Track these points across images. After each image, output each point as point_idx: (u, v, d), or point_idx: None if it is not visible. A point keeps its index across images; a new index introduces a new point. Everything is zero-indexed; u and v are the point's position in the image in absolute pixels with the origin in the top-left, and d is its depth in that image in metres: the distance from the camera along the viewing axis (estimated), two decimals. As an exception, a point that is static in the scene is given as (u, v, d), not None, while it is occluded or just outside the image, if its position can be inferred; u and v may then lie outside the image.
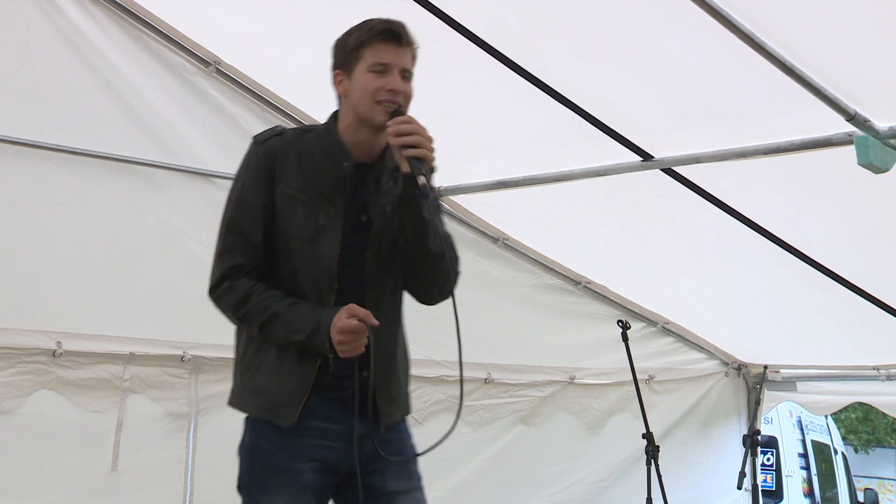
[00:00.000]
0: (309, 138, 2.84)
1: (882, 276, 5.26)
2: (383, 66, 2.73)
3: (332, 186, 2.78)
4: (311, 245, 2.74)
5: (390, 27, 2.75)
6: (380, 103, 2.72)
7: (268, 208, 2.76)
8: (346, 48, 2.78)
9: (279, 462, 2.71)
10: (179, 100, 4.62)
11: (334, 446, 2.73)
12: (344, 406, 2.74)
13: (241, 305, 2.74)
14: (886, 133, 3.81)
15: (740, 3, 3.39)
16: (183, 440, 4.55)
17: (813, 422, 12.00)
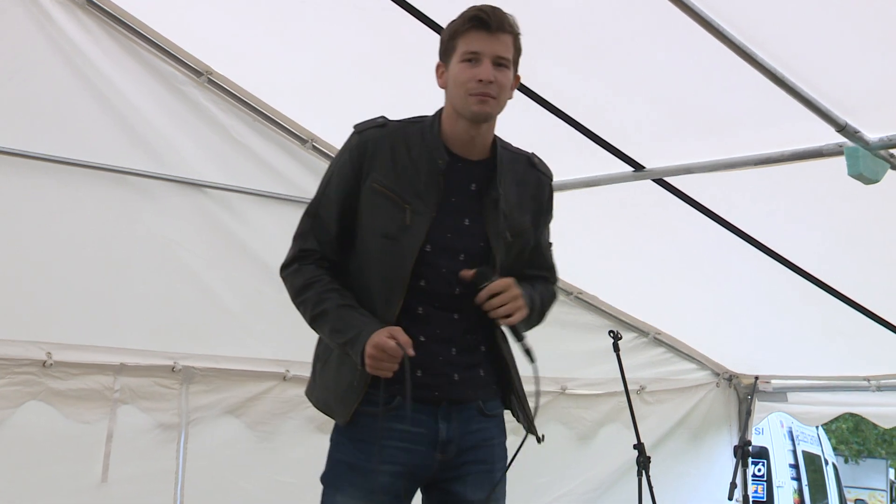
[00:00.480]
0: (411, 130, 2.75)
1: (872, 286, 5.27)
2: (474, 55, 2.64)
3: (427, 184, 2.69)
4: (391, 243, 2.66)
5: (479, 14, 2.66)
6: (472, 95, 2.64)
7: (349, 200, 2.70)
8: (444, 39, 2.72)
9: (355, 461, 2.66)
10: (171, 110, 4.61)
11: (416, 449, 2.67)
12: (429, 408, 2.67)
13: (301, 292, 2.71)
14: (876, 144, 3.83)
15: (731, 14, 3.41)
16: (173, 451, 4.54)
17: (804, 432, 12.02)
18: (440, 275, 2.68)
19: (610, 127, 4.38)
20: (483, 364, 2.77)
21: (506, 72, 2.68)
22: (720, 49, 3.50)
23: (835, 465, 13.66)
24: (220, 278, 4.71)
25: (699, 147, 4.36)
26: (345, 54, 4.46)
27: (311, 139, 4.98)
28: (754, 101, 3.93)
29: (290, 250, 2.79)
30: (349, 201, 2.70)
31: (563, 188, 4.77)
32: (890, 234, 4.76)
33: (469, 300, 2.67)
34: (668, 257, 5.52)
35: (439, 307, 2.69)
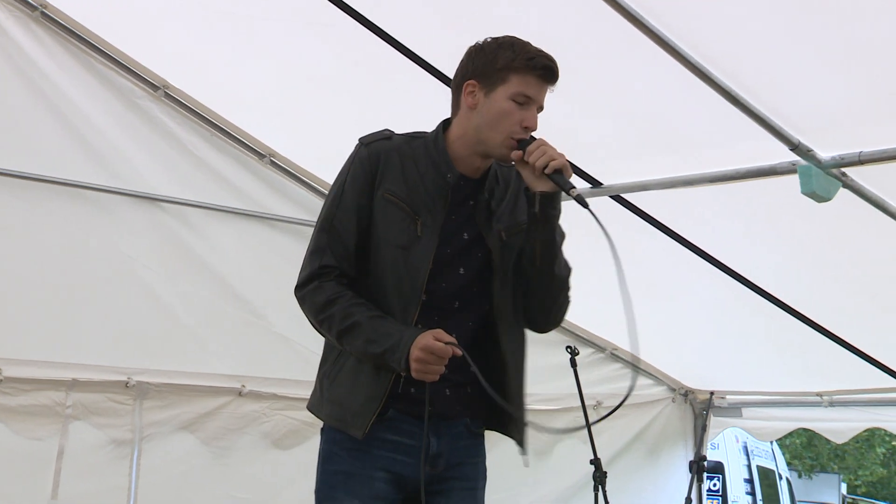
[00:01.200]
0: (416, 145, 2.74)
1: (825, 302, 5.33)
2: (527, 99, 2.65)
3: (433, 197, 2.69)
4: (403, 254, 2.66)
5: (550, 65, 2.68)
6: (513, 138, 2.64)
7: (365, 211, 2.68)
8: (493, 64, 2.66)
9: (351, 468, 2.67)
10: (127, 124, 4.58)
11: (406, 461, 2.68)
12: (421, 422, 2.66)
13: (324, 309, 2.65)
14: (829, 163, 3.88)
15: (688, 34, 3.45)
16: (126, 468, 4.49)
17: (758, 447, 12.13)
18: (440, 289, 2.69)
19: (568, 144, 4.36)
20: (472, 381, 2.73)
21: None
22: (678, 68, 3.53)
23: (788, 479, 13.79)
24: (176, 293, 4.67)
25: (657, 164, 4.39)
26: (304, 70, 4.44)
27: (270, 154, 4.96)
28: (711, 120, 3.97)
29: (305, 268, 2.72)
30: (364, 212, 2.68)
31: (521, 204, 4.80)
32: (842, 252, 4.82)
33: (466, 315, 2.71)
34: (625, 273, 5.53)
35: (438, 321, 2.67)
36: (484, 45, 2.71)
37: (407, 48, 3.97)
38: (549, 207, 2.69)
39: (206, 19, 4.25)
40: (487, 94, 2.66)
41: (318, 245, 2.71)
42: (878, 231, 4.33)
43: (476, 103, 2.68)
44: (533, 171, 2.64)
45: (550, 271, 2.76)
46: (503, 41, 2.69)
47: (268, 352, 4.93)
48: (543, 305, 2.82)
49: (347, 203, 2.70)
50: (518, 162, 2.66)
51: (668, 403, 6.83)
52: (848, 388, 6.21)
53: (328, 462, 2.72)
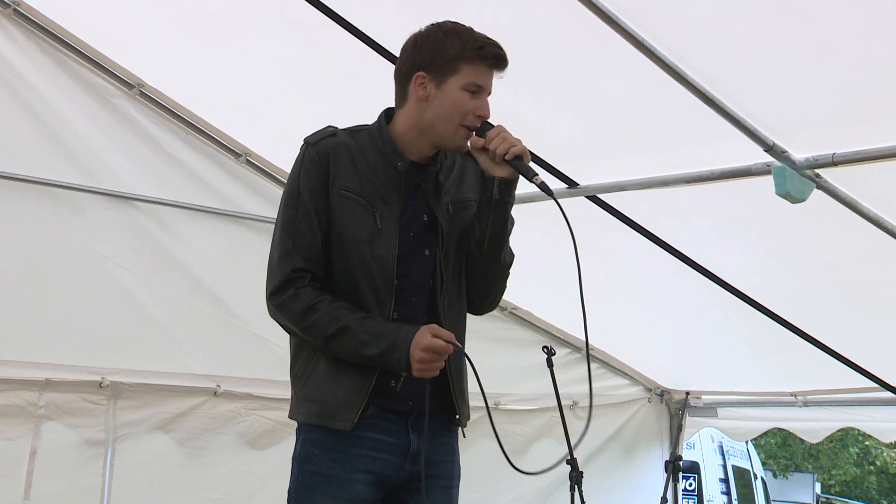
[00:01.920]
0: (360, 138, 2.76)
1: (799, 303, 5.36)
2: (479, 88, 2.68)
3: (387, 187, 2.71)
4: (368, 247, 2.67)
5: (501, 54, 2.70)
6: (465, 127, 2.68)
7: (323, 210, 2.68)
8: (443, 54, 2.67)
9: (329, 470, 2.65)
10: (101, 122, 4.53)
11: (387, 459, 2.69)
12: (401, 418, 2.69)
13: (305, 315, 2.64)
14: (803, 164, 3.90)
15: (664, 35, 3.46)
16: (99, 468, 4.45)
17: (734, 447, 12.18)
18: (410, 272, 2.71)
19: (544, 144, 4.40)
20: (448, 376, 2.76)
21: None
22: (653, 69, 3.54)
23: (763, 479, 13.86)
24: (151, 292, 4.63)
25: (632, 165, 4.40)
26: (279, 69, 4.43)
27: (245, 153, 4.93)
28: (686, 121, 3.98)
29: (275, 276, 2.69)
30: (323, 211, 2.68)
31: (498, 204, 4.80)
32: (816, 253, 4.85)
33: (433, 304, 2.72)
34: (601, 273, 5.55)
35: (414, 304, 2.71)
36: (429, 33, 2.73)
37: (382, 47, 3.96)
38: (506, 194, 2.73)
39: (182, 18, 4.23)
40: (439, 86, 2.68)
41: (285, 249, 2.69)
42: (852, 232, 4.35)
43: (427, 95, 2.69)
44: (492, 158, 2.67)
45: (497, 257, 2.80)
46: (448, 28, 2.71)
47: (243, 351, 4.91)
48: (484, 290, 2.87)
49: (306, 204, 2.69)
50: (475, 149, 2.69)
51: (644, 403, 6.85)
52: (822, 389, 6.25)
53: (306, 462, 2.69)
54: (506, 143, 2.65)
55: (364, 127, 2.81)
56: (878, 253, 4.53)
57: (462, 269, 2.83)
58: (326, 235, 2.69)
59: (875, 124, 3.74)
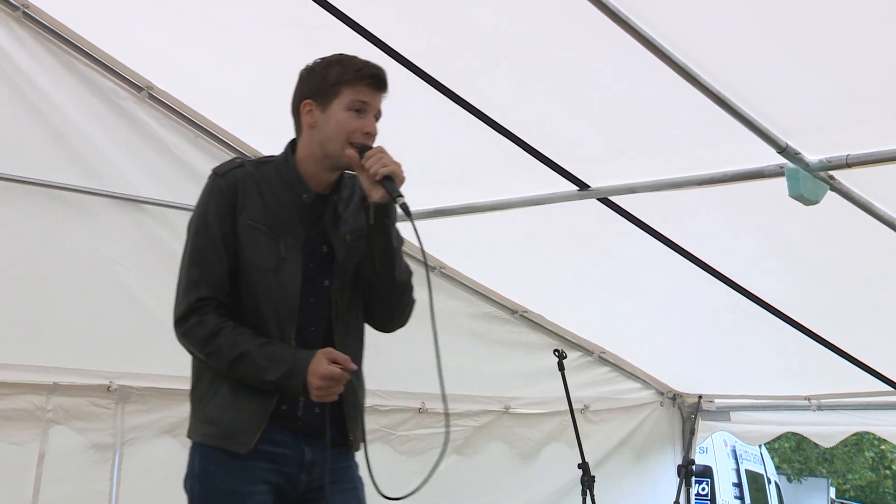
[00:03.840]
0: (267, 170, 2.84)
1: (812, 306, 5.32)
2: (362, 105, 2.78)
3: (293, 218, 2.79)
4: (274, 277, 2.75)
5: (379, 74, 2.81)
6: (353, 145, 2.76)
7: (230, 240, 2.76)
8: (325, 81, 2.78)
9: (230, 486, 2.71)
10: (109, 125, 4.52)
11: (283, 471, 2.75)
12: (295, 434, 2.76)
13: (209, 342, 2.71)
14: (816, 165, 3.86)
15: (676, 36, 3.43)
16: (107, 472, 4.45)
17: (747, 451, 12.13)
18: (310, 304, 2.79)
19: (555, 146, 4.38)
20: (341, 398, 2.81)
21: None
22: (665, 71, 3.51)
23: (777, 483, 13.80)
24: (159, 296, 4.57)
25: (644, 167, 4.37)
26: (288, 70, 4.38)
27: (254, 156, 4.90)
28: (698, 123, 3.96)
29: (180, 303, 2.77)
30: (230, 241, 2.76)
31: (509, 206, 4.79)
32: (830, 255, 4.81)
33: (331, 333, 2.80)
34: (613, 276, 5.52)
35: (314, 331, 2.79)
36: (314, 65, 2.85)
37: (391, 48, 3.94)
38: (382, 217, 2.79)
39: (190, 20, 4.22)
40: (324, 111, 2.79)
41: (191, 279, 2.77)
42: (866, 234, 4.32)
43: (315, 121, 2.80)
44: (369, 178, 2.75)
45: (391, 277, 2.85)
46: (331, 59, 2.83)
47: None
48: (387, 309, 2.92)
49: (214, 233, 2.77)
50: (358, 168, 2.77)
51: (657, 407, 6.81)
52: (836, 392, 6.20)
53: (207, 480, 2.74)
54: (379, 164, 2.73)
55: (271, 158, 2.91)
56: (892, 255, 4.50)
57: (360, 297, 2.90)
58: (234, 264, 2.76)
59: (889, 125, 3.71)
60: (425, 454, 5.68)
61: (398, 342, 5.48)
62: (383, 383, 5.33)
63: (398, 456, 5.53)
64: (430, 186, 4.89)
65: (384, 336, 2.91)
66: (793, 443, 22.69)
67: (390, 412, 5.51)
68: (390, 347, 5.27)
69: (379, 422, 5.42)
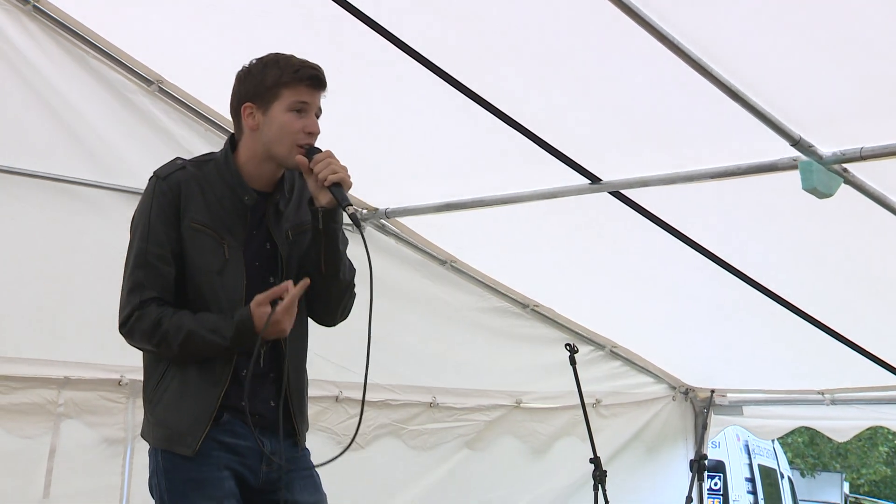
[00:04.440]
0: (208, 170, 2.85)
1: (826, 300, 5.29)
2: (303, 105, 2.79)
3: (234, 219, 2.82)
4: (218, 277, 2.78)
5: (317, 74, 2.82)
6: (300, 147, 2.77)
7: (175, 242, 2.78)
8: (263, 84, 2.80)
9: (199, 474, 2.74)
10: (120, 119, 4.52)
11: (243, 461, 2.79)
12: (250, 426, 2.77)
13: (154, 331, 2.74)
14: (830, 158, 3.84)
15: (688, 29, 3.41)
16: (118, 466, 4.44)
17: (760, 446, 12.09)
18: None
19: (567, 140, 4.36)
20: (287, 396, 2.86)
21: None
22: (677, 63, 3.49)
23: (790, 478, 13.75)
24: (170, 290, 4.61)
25: (656, 160, 4.35)
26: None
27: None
28: (711, 116, 3.93)
29: (123, 308, 2.81)
30: (175, 243, 2.78)
31: (520, 200, 4.77)
32: (844, 248, 4.78)
33: None
34: (624, 270, 5.50)
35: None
36: (251, 67, 2.86)
37: (402, 41, 3.92)
38: (330, 221, 2.82)
39: (200, 12, 4.20)
40: (265, 113, 2.80)
41: (136, 282, 2.79)
42: (880, 227, 4.29)
43: (257, 124, 2.80)
44: (317, 182, 2.76)
45: (336, 277, 2.88)
46: (268, 60, 2.84)
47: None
48: (330, 307, 2.94)
49: (158, 236, 2.78)
50: (305, 170, 2.78)
51: (669, 401, 6.79)
52: (850, 387, 6.18)
53: (172, 472, 2.77)
54: (328, 169, 2.74)
55: (211, 157, 2.92)
56: (907, 249, 4.46)
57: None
58: (180, 267, 2.78)
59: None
60: (437, 448, 5.67)
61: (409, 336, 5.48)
62: (395, 377, 5.33)
63: (410, 451, 5.53)
64: (441, 180, 4.89)
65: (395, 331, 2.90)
66: (806, 437, 22.63)
67: (401, 406, 5.49)
68: (401, 342, 5.32)
69: (390, 416, 5.41)
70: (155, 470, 2.80)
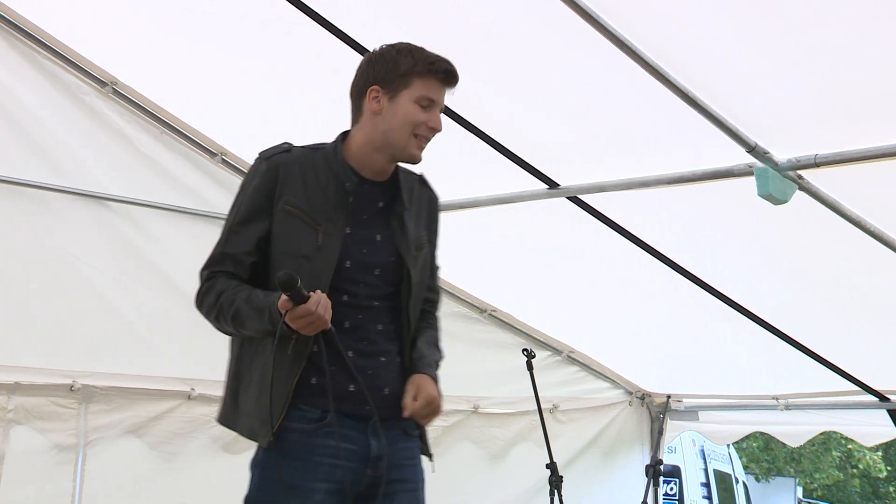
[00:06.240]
0: (316, 156, 2.82)
1: (781, 306, 5.33)
2: (430, 102, 2.76)
3: (335, 206, 2.77)
4: (305, 263, 2.71)
5: (452, 70, 2.78)
6: (416, 137, 2.76)
7: (263, 222, 2.75)
8: (396, 70, 2.75)
9: (290, 479, 2.67)
10: (73, 121, 4.45)
11: (348, 466, 2.70)
12: (359, 424, 2.72)
13: (214, 303, 2.72)
14: (785, 165, 3.87)
15: (646, 35, 3.42)
16: (70, 473, 4.37)
17: (715, 451, 12.18)
18: (360, 288, 2.77)
19: (524, 144, 4.36)
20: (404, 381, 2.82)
21: None
22: (635, 69, 3.51)
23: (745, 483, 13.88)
24: (124, 294, 4.56)
25: (614, 166, 4.37)
26: (256, 66, 4.36)
27: (221, 153, 4.86)
28: (668, 122, 3.95)
29: (199, 280, 2.79)
30: (263, 224, 2.75)
31: (477, 205, 4.76)
32: (798, 255, 4.82)
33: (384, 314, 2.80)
34: (582, 275, 5.52)
35: (364, 319, 2.77)
36: (383, 51, 2.81)
37: (361, 46, 3.91)
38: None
39: (156, 14, 4.16)
40: (392, 99, 2.75)
41: (213, 257, 2.79)
42: (834, 234, 4.33)
43: (381, 108, 2.76)
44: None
45: None
46: (402, 47, 2.79)
47: (219, 354, 4.75)
48: None
49: (245, 215, 2.77)
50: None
51: (625, 407, 6.81)
52: (804, 392, 6.23)
53: (266, 470, 2.71)
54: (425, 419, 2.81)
55: (322, 145, 2.87)
56: (860, 255, 4.51)
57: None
58: (265, 248, 2.75)
59: (858, 126, 3.72)
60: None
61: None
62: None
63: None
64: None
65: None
66: (761, 442, 22.82)
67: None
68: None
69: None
70: (255, 457, 2.76)
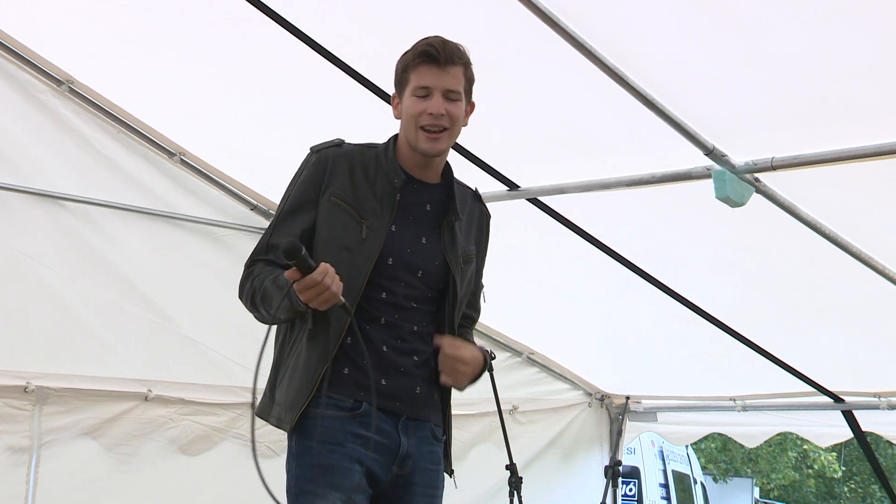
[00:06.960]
0: (369, 154, 2.88)
1: (738, 307, 5.37)
2: (425, 90, 2.78)
3: (381, 202, 2.82)
4: (348, 255, 2.75)
5: (428, 49, 2.78)
6: (424, 130, 2.78)
7: (309, 214, 2.81)
8: (398, 71, 2.85)
9: (329, 461, 2.69)
10: (28, 119, 4.37)
11: (377, 459, 2.75)
12: (392, 419, 2.77)
13: (248, 289, 2.79)
14: (742, 168, 3.90)
15: (605, 38, 3.43)
16: (23, 475, 4.30)
17: (674, 452, 12.25)
18: (400, 287, 2.81)
19: (485, 146, 4.36)
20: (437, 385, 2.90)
21: (458, 104, 2.82)
22: (594, 72, 3.52)
23: (703, 484, 13.97)
24: (79, 294, 4.50)
25: (573, 168, 4.38)
26: (215, 66, 4.33)
27: (180, 153, 4.80)
28: (627, 124, 3.97)
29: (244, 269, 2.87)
30: (308, 215, 2.81)
31: (437, 206, 4.75)
32: (756, 257, 4.86)
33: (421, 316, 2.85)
34: (541, 277, 5.52)
35: (399, 319, 2.81)
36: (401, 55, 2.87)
37: (321, 46, 3.90)
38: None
39: (114, 13, 4.11)
40: (402, 100, 2.84)
41: (259, 247, 2.87)
42: (790, 236, 4.37)
43: (399, 112, 2.87)
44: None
45: None
46: (410, 48, 2.84)
47: (176, 355, 4.79)
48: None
49: (292, 205, 2.84)
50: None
51: (584, 408, 6.83)
52: (761, 393, 6.28)
53: (303, 457, 2.73)
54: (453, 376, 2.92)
55: (375, 145, 2.93)
56: (815, 257, 4.55)
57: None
58: (310, 238, 2.79)
59: (814, 129, 3.75)
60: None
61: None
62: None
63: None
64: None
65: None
66: (719, 443, 23.01)
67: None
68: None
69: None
70: (289, 453, 2.79)
